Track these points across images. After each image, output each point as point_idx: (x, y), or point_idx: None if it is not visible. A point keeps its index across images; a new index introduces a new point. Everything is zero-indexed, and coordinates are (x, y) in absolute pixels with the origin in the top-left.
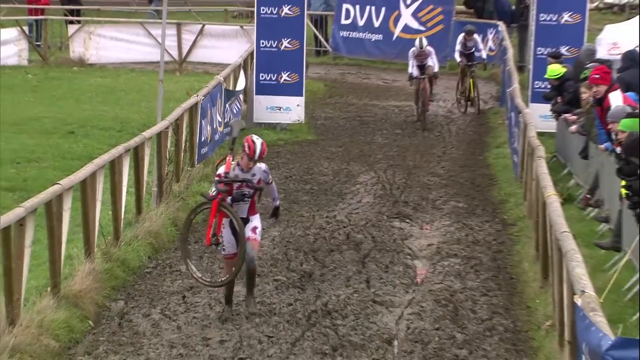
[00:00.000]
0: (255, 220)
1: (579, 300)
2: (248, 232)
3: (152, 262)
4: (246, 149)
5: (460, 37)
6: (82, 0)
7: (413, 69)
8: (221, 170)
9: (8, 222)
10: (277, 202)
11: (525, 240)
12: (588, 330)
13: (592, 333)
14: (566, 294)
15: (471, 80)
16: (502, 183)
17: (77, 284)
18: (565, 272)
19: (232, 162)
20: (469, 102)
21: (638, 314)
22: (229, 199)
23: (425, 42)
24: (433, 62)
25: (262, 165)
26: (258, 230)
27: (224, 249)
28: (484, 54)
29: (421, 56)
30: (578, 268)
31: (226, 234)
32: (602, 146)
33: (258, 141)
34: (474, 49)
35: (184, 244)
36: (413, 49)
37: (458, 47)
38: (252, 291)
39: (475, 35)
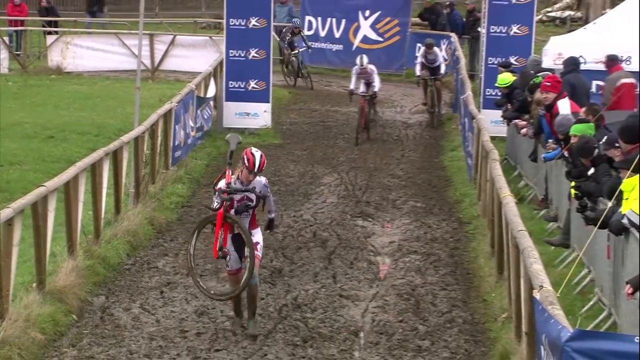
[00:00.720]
0: (257, 235)
1: (537, 295)
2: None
3: (131, 259)
4: (245, 161)
5: (422, 50)
6: (59, 12)
7: (356, 85)
8: (222, 183)
9: None
10: (273, 215)
11: (480, 237)
12: (547, 323)
13: (552, 325)
14: (523, 288)
15: (433, 92)
16: (457, 184)
17: (61, 280)
18: (522, 268)
19: (232, 176)
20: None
21: (588, 306)
22: (232, 211)
23: (365, 59)
24: (375, 81)
25: (262, 179)
26: (259, 246)
27: (227, 265)
28: (443, 67)
29: (364, 74)
30: (536, 264)
31: (230, 250)
32: (542, 156)
33: (257, 154)
34: (436, 61)
35: (189, 258)
36: (355, 66)
37: (420, 59)
38: (254, 314)
39: (436, 48)
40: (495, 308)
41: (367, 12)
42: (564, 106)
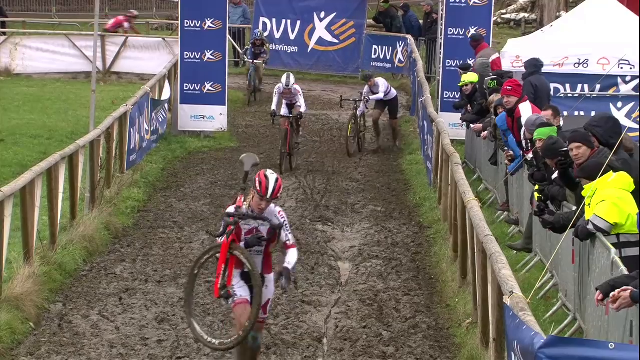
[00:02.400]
0: (269, 286)
1: (508, 301)
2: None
3: (88, 265)
4: (257, 185)
5: (365, 87)
6: (7, 12)
7: (278, 106)
8: (231, 209)
9: None
10: (290, 265)
11: (442, 242)
12: (519, 329)
13: (524, 332)
14: (491, 294)
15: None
16: (417, 188)
17: (17, 287)
18: (490, 273)
19: (244, 203)
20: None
21: (551, 311)
22: (241, 244)
23: (292, 79)
24: (300, 103)
25: (275, 208)
26: (268, 307)
27: (235, 295)
28: (392, 92)
29: (288, 94)
30: (504, 270)
31: (237, 283)
32: (508, 170)
33: (272, 177)
34: (387, 93)
35: (188, 301)
36: (279, 85)
37: (366, 96)
38: None
39: (378, 79)
40: (460, 313)
41: (322, 14)
42: (526, 110)
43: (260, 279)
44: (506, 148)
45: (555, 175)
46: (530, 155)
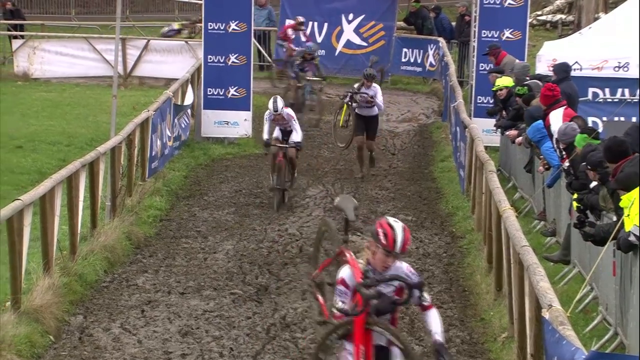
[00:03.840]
0: None
1: (547, 314)
2: None
3: (109, 276)
4: (382, 237)
5: (358, 84)
6: (25, 15)
7: (269, 135)
8: (346, 273)
9: None
10: (441, 337)
11: (476, 252)
12: (559, 344)
13: (564, 347)
14: (528, 307)
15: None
16: (449, 196)
17: (37, 299)
18: (527, 285)
19: (360, 262)
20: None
21: (592, 325)
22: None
23: (280, 103)
24: (296, 128)
25: (402, 265)
26: None
27: None
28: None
29: (279, 121)
30: (542, 282)
31: None
32: (545, 184)
33: (397, 225)
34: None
35: None
36: (268, 111)
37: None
38: None
39: (377, 85)
40: (495, 327)
41: (351, 16)
42: (556, 118)
43: (408, 345)
44: (542, 157)
45: (594, 183)
46: (566, 164)
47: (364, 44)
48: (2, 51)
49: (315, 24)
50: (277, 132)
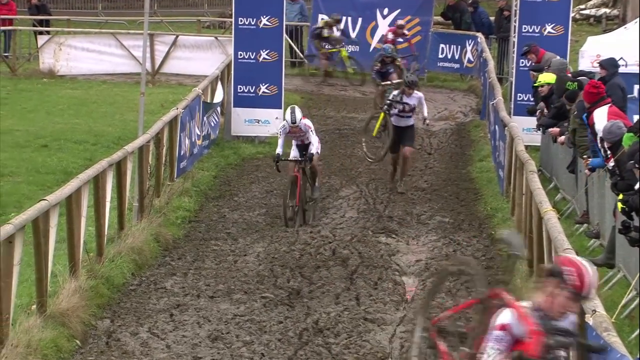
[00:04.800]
0: None
1: (590, 320)
2: None
3: (137, 279)
4: (569, 279)
5: (397, 92)
6: (51, 10)
7: (281, 148)
8: (508, 317)
9: None
10: None
11: None
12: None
13: (609, 354)
14: None
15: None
16: (487, 197)
17: (63, 302)
18: None
19: (523, 305)
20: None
21: (638, 332)
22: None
23: (298, 113)
24: (313, 142)
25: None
26: None
27: None
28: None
29: (296, 133)
30: None
31: None
32: (588, 163)
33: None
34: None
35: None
36: (283, 123)
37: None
38: None
39: (419, 93)
40: None
41: (386, 10)
42: (601, 116)
43: None
44: (585, 157)
45: (638, 185)
46: (611, 164)
47: (400, 39)
48: (27, 47)
49: (349, 18)
50: (294, 152)
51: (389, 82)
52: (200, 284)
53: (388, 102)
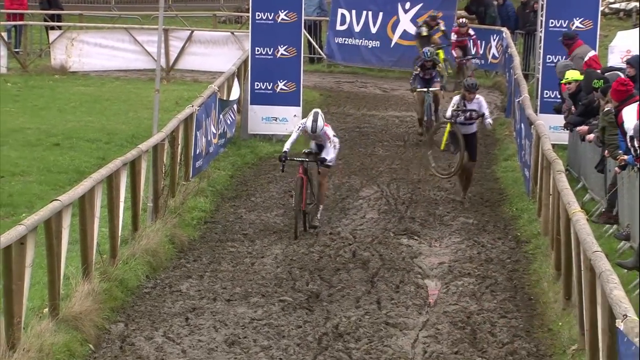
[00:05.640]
0: None
1: (621, 325)
2: None
3: (151, 282)
4: None
5: (458, 98)
6: (63, 4)
7: (290, 144)
8: None
9: (9, 240)
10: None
11: (542, 258)
12: (636, 358)
13: None
14: (601, 317)
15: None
16: (513, 198)
17: (76, 305)
18: (599, 294)
19: None
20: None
21: None
22: None
23: (320, 121)
24: (328, 149)
25: None
26: None
27: None
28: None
29: (314, 138)
30: (616, 290)
31: None
32: (625, 160)
33: None
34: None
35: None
36: (303, 122)
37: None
38: None
39: (480, 96)
40: (564, 339)
41: (407, 4)
42: (630, 114)
43: None
44: (620, 152)
45: None
46: None
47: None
48: (38, 43)
49: (370, 13)
50: (312, 145)
51: (425, 89)
52: (217, 287)
53: (453, 112)
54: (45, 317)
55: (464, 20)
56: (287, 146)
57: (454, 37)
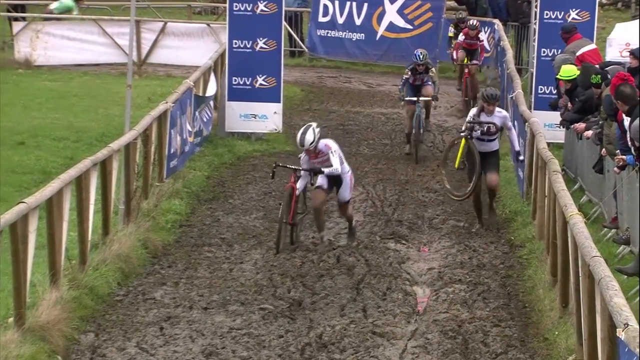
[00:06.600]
0: None
1: (622, 335)
2: None
3: (123, 289)
4: None
5: (475, 110)
6: None
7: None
8: None
9: None
10: None
11: (537, 264)
12: None
13: None
14: (600, 326)
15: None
16: (506, 200)
17: (43, 315)
18: (598, 301)
19: None
20: None
21: None
22: None
23: (309, 136)
24: (332, 161)
25: None
26: None
27: None
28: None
29: (314, 158)
30: (617, 297)
31: None
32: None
33: None
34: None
35: None
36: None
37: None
38: None
39: (498, 108)
40: (560, 349)
41: None
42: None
43: None
44: (617, 151)
45: None
46: None
47: (409, 26)
48: (1, 35)
49: (354, 4)
50: (320, 180)
51: (415, 99)
52: (193, 295)
53: (469, 124)
54: (11, 327)
55: (474, 21)
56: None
57: (461, 37)
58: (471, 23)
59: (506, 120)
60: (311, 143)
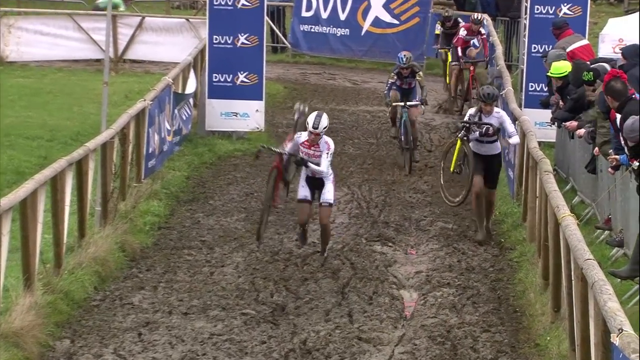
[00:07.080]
0: None
1: (616, 340)
2: None
3: (99, 294)
4: None
5: (474, 110)
6: None
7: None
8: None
9: None
10: None
11: (528, 267)
12: None
13: None
14: (593, 331)
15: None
16: (496, 201)
17: (17, 320)
18: (592, 306)
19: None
20: None
21: None
22: None
23: (324, 121)
24: (322, 164)
25: None
26: None
27: None
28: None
29: (310, 146)
30: (611, 302)
31: None
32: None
33: None
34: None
35: None
36: (298, 134)
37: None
38: None
39: (498, 109)
40: (552, 354)
41: None
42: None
43: None
44: (611, 151)
45: None
46: (636, 164)
47: (395, 21)
48: None
49: None
50: (303, 189)
51: (401, 103)
52: (172, 299)
53: (464, 124)
54: None
55: (479, 16)
56: (279, 149)
57: (462, 32)
58: (475, 17)
59: (503, 119)
60: (324, 127)
